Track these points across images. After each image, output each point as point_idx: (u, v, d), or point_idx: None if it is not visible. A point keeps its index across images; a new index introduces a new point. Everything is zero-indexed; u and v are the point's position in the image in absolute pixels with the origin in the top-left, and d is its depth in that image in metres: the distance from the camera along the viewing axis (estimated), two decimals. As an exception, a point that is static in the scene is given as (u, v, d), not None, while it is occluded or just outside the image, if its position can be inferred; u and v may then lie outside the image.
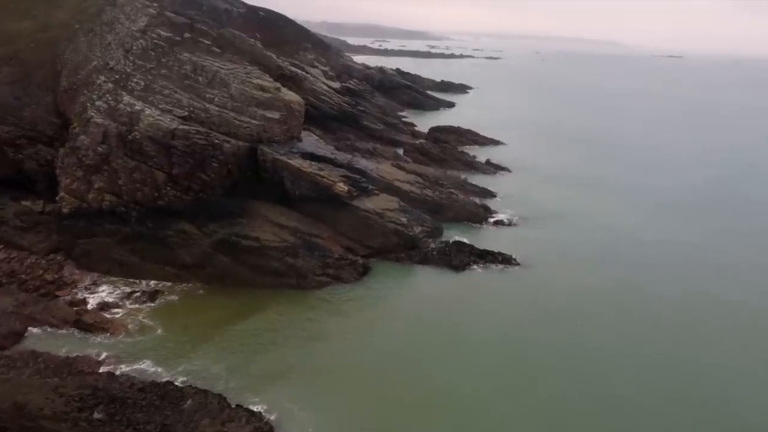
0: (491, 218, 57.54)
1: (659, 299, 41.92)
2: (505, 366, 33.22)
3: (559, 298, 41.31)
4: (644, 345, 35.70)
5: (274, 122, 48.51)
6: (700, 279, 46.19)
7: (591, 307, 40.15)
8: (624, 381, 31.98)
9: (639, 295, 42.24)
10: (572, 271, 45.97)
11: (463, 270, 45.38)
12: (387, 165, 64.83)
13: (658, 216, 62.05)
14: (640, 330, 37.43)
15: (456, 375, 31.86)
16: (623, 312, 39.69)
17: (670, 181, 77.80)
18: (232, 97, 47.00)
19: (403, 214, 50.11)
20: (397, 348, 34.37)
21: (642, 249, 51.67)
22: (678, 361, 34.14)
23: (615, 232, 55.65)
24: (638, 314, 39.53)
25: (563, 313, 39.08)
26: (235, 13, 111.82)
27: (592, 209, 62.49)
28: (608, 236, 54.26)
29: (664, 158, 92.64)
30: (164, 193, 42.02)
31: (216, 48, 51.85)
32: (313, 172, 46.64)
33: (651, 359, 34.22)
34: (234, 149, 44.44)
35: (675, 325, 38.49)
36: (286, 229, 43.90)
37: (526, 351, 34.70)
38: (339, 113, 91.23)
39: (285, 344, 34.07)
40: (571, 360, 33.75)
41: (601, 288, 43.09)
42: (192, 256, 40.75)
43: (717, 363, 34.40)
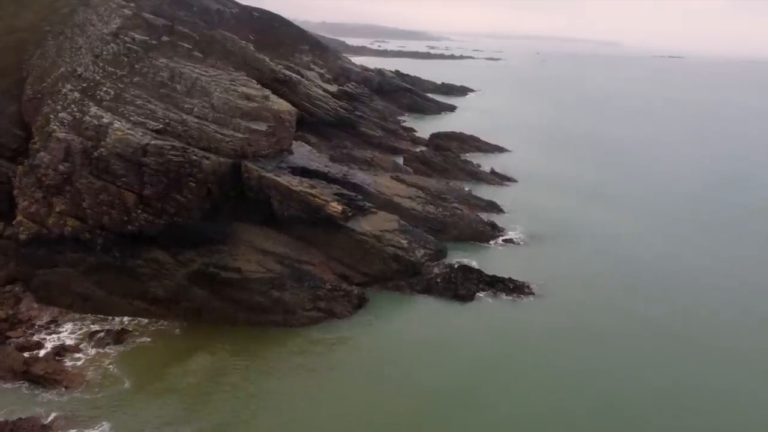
0: (499, 237, 52.87)
1: (689, 334, 37.26)
2: (523, 418, 28.63)
3: (579, 336, 36.61)
4: (681, 405, 31.05)
5: (260, 135, 43.80)
6: (732, 304, 41.68)
7: (615, 351, 35.30)
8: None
9: (667, 335, 37.36)
10: (592, 301, 41.26)
11: (471, 300, 40.70)
12: (386, 177, 60.13)
13: (678, 230, 57.51)
14: (675, 388, 32.35)
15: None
16: (650, 358, 34.78)
17: (685, 189, 73.39)
18: (214, 107, 42.29)
19: (404, 235, 45.42)
20: (399, 402, 29.66)
21: (665, 271, 47.10)
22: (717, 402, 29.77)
23: (634, 251, 50.98)
24: (669, 362, 34.75)
25: (585, 358, 34.38)
26: (227, 13, 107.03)
27: (606, 225, 57.86)
28: (628, 257, 49.55)
29: (675, 165, 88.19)
30: (134, 217, 37.30)
31: (198, 52, 47.15)
32: (304, 191, 41.95)
33: (688, 415, 29.68)
34: (214, 166, 39.72)
35: (709, 363, 33.99)
36: (272, 256, 39.18)
37: (544, 402, 30.07)
38: (335, 119, 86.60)
39: (269, 403, 29.26)
40: (596, 418, 29.12)
41: (625, 325, 38.29)
42: (165, 289, 36.04)
43: (749, 390, 30.34)
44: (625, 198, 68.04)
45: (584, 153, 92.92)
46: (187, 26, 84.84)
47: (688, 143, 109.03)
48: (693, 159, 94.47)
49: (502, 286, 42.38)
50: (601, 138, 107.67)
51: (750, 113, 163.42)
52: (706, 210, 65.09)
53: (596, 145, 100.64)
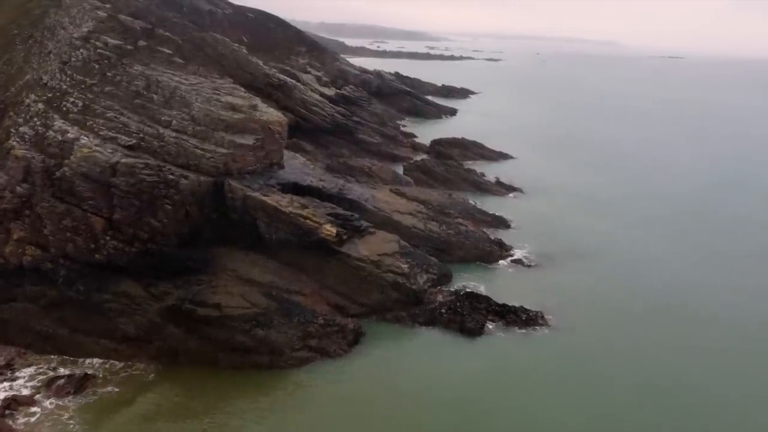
0: (506, 256, 48.80)
1: (722, 393, 32.86)
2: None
3: (600, 380, 32.53)
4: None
5: (246, 149, 39.75)
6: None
7: (637, 399, 31.22)
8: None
9: (695, 389, 33.11)
10: (612, 336, 37.11)
11: (480, 334, 36.64)
12: (385, 191, 56.03)
13: (696, 245, 53.48)
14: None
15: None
16: (685, 408, 30.78)
17: (699, 198, 69.47)
18: (194, 119, 38.24)
19: (405, 258, 41.35)
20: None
21: (688, 295, 43.04)
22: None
23: (654, 273, 46.82)
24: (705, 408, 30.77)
25: (607, 405, 30.32)
26: (219, 14, 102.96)
27: (621, 241, 53.70)
28: (648, 281, 45.36)
29: (686, 170, 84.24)
30: (102, 245, 33.22)
31: (179, 58, 43.08)
32: (294, 212, 37.86)
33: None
34: (193, 186, 35.65)
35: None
36: (257, 287, 35.10)
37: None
38: (332, 125, 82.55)
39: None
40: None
41: (649, 368, 34.07)
42: (136, 326, 31.95)
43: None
44: (639, 210, 63.92)
45: (591, 159, 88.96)
46: (177, 28, 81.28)
47: (697, 147, 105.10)
48: (705, 164, 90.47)
49: (514, 317, 38.29)
50: (608, 142, 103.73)
51: (756, 115, 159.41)
52: (726, 223, 61.08)
53: (603, 150, 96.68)
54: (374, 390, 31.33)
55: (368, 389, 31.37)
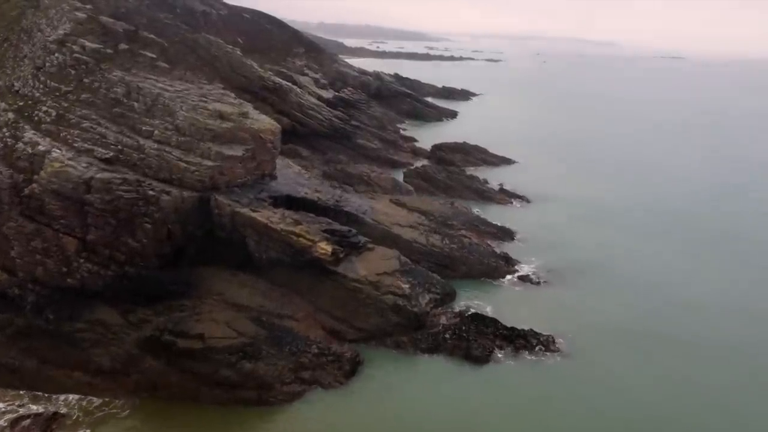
0: (513, 272, 45.98)
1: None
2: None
3: (616, 412, 29.80)
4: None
5: (234, 161, 36.95)
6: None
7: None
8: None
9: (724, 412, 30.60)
10: (630, 362, 34.34)
11: (487, 362, 33.85)
12: (384, 201, 53.25)
13: (714, 262, 50.61)
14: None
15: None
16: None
17: (711, 209, 66.59)
18: (179, 128, 35.43)
19: (405, 277, 38.53)
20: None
21: (708, 318, 40.21)
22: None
23: (671, 291, 44.05)
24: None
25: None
26: (214, 15, 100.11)
27: (634, 255, 50.88)
28: (666, 299, 42.56)
29: (697, 178, 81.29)
30: (76, 268, 30.42)
31: (163, 62, 40.26)
32: (286, 230, 35.04)
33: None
34: (176, 202, 32.83)
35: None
36: (245, 312, 32.28)
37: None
38: (330, 130, 79.77)
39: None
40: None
41: (670, 400, 31.31)
42: (112, 358, 29.15)
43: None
44: (650, 221, 61.07)
45: (596, 164, 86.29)
46: (168, 29, 78.57)
47: (705, 150, 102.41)
48: (715, 169, 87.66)
49: (524, 341, 35.50)
50: (612, 146, 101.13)
51: (763, 117, 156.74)
52: (740, 235, 58.26)
53: (608, 154, 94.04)
54: (373, 426, 28.61)
55: (366, 425, 28.64)
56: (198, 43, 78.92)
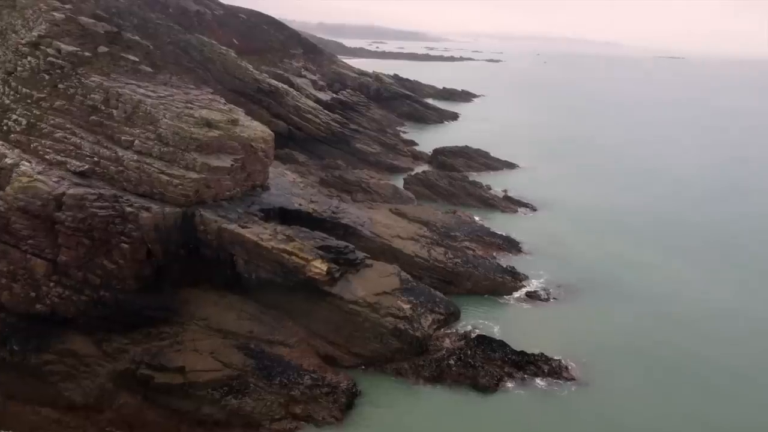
0: (521, 288, 43.29)
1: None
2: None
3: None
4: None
5: (222, 172, 34.26)
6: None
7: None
8: None
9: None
10: (648, 391, 31.60)
11: (495, 391, 31.19)
12: (384, 212, 50.59)
13: (736, 273, 47.91)
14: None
15: None
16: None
17: (728, 216, 63.85)
18: (161, 138, 32.74)
19: (406, 296, 35.86)
20: None
21: (734, 341, 37.43)
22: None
23: (693, 309, 41.28)
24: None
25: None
26: (208, 15, 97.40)
27: (649, 269, 47.79)
28: (687, 318, 39.83)
29: (709, 183, 78.52)
30: (45, 293, 27.76)
31: (147, 66, 37.58)
32: (277, 247, 32.33)
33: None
34: (156, 219, 30.13)
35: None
36: (232, 339, 29.60)
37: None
38: (327, 134, 77.14)
39: None
40: None
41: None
42: (84, 393, 26.48)
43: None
44: (663, 230, 58.23)
45: (603, 168, 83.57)
46: (160, 30, 75.99)
47: (715, 153, 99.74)
48: (726, 173, 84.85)
49: (534, 367, 32.83)
50: (618, 149, 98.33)
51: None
52: (761, 247, 55.59)
53: (614, 158, 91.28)
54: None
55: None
56: (191, 44, 76.34)
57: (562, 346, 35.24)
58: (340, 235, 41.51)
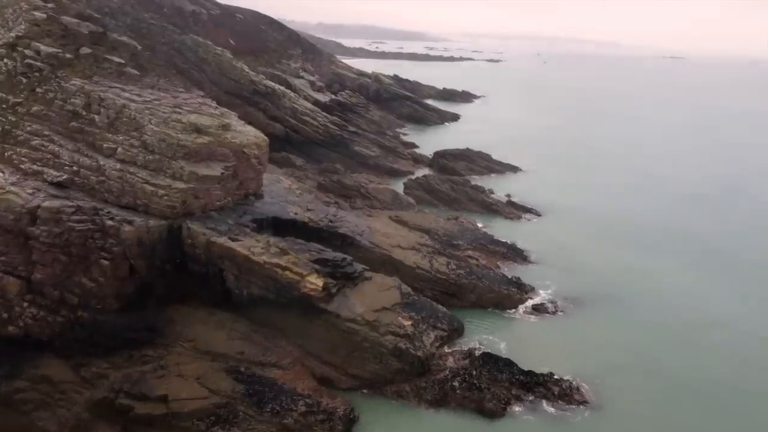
0: (527, 300, 41.30)
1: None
2: None
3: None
4: None
5: (212, 181, 32.26)
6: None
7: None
8: None
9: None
10: (667, 415, 29.70)
11: (503, 415, 29.20)
12: (383, 219, 48.62)
13: (755, 286, 45.95)
14: None
15: None
16: None
17: (742, 224, 61.85)
18: (146, 145, 30.74)
19: (407, 311, 33.86)
20: None
21: (757, 360, 35.56)
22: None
23: (711, 322, 39.31)
24: None
25: None
26: (204, 15, 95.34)
27: (663, 280, 45.60)
28: (704, 334, 37.76)
29: (721, 187, 76.53)
30: (18, 314, 25.75)
31: (133, 68, 35.53)
32: (269, 262, 30.32)
33: None
34: (139, 233, 28.13)
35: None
36: (221, 362, 27.62)
37: None
38: (325, 137, 75.14)
39: None
40: None
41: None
42: (60, 423, 24.43)
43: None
44: (675, 236, 56.08)
45: (609, 172, 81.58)
46: (154, 30, 73.97)
47: (721, 155, 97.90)
48: (737, 177, 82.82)
49: (543, 389, 30.83)
50: (624, 151, 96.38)
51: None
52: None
53: (621, 160, 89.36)
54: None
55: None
56: (185, 45, 74.29)
57: (572, 365, 33.28)
58: (338, 245, 39.57)
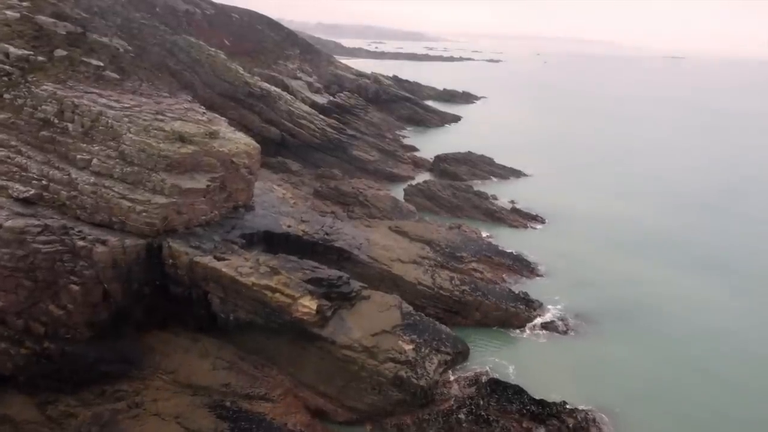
0: (536, 318, 38.76)
1: None
2: None
3: None
4: None
5: (196, 195, 29.70)
6: None
7: None
8: None
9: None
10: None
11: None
12: (382, 230, 46.05)
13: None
14: None
15: None
16: None
17: (755, 232, 59.35)
18: (124, 156, 28.18)
19: (408, 334, 31.29)
20: None
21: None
22: None
23: (735, 342, 36.84)
24: None
25: None
26: (198, 15, 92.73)
27: (680, 292, 43.38)
28: (726, 357, 35.20)
29: (735, 191, 74.03)
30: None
31: (113, 72, 32.96)
32: (258, 284, 27.76)
33: None
34: (114, 254, 25.57)
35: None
36: (204, 395, 25.06)
37: None
38: (322, 141, 72.57)
39: None
40: None
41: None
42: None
43: None
44: (690, 244, 53.61)
45: (615, 174, 79.11)
46: (145, 30, 71.37)
47: (733, 159, 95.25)
48: (750, 181, 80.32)
49: (557, 422, 28.31)
50: (629, 153, 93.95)
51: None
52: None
53: (626, 162, 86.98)
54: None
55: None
56: (177, 46, 71.66)
57: (588, 392, 30.75)
58: (334, 259, 37.14)
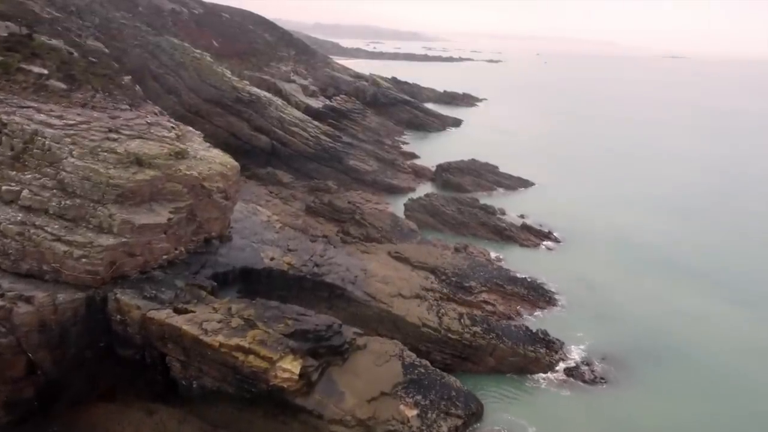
0: (558, 361, 33.49)
1: None
2: None
3: None
4: None
5: (154, 231, 24.40)
6: None
7: None
8: None
9: None
10: None
11: None
12: (381, 256, 40.71)
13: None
14: None
15: None
16: None
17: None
18: (63, 186, 22.91)
19: (412, 394, 26.08)
20: None
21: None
22: None
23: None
24: None
25: None
26: (185, 14, 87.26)
27: (723, 324, 38.19)
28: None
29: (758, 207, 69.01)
30: None
31: (59, 81, 27.67)
32: (227, 345, 22.45)
33: None
34: (41, 314, 20.26)
35: None
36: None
37: None
38: (316, 150, 67.32)
39: None
40: None
41: None
42: None
43: None
44: (715, 263, 48.52)
45: (630, 184, 73.92)
46: (125, 31, 66.08)
47: (744, 159, 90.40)
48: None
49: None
50: (641, 159, 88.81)
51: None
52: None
53: (639, 169, 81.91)
54: None
55: None
56: (159, 47, 66.37)
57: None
58: (325, 297, 32.07)
